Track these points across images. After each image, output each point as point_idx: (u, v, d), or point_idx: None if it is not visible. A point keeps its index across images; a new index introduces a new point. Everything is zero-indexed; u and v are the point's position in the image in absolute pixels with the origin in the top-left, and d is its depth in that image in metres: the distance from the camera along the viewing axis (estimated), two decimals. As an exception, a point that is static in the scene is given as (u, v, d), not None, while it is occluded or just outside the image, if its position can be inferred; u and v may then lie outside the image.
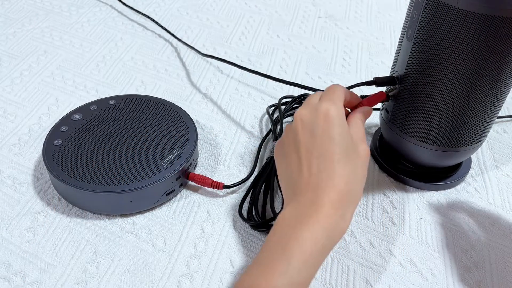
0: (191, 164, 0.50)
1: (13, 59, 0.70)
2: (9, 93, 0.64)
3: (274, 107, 0.62)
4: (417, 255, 0.46)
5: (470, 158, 0.56)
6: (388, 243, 0.47)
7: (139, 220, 0.48)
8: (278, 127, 0.57)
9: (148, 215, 0.48)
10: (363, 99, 0.45)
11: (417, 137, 0.48)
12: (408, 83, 0.46)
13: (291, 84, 0.58)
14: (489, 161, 0.57)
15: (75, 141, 0.50)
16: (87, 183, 0.45)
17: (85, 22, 0.79)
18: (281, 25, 0.81)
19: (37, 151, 0.55)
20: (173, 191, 0.49)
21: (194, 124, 0.53)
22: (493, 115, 0.46)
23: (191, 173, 0.50)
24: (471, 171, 0.55)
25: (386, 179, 0.54)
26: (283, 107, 0.61)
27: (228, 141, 0.58)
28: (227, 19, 0.82)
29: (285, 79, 0.65)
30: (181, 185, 0.50)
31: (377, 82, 0.48)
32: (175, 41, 0.75)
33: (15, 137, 0.57)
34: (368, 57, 0.74)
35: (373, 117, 0.62)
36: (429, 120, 0.46)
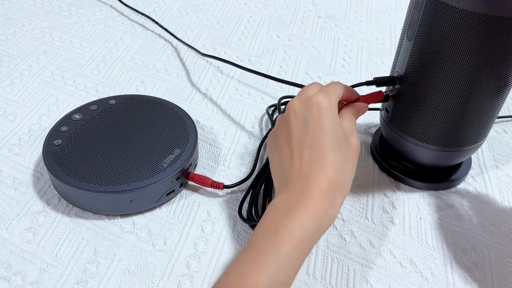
0: (191, 164, 0.50)
1: (13, 59, 0.70)
2: (9, 93, 0.64)
3: (274, 107, 0.62)
4: (417, 255, 0.46)
5: (470, 158, 0.56)
6: (388, 243, 0.47)
7: (139, 220, 0.48)
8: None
9: (148, 215, 0.48)
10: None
11: (417, 137, 0.48)
12: (408, 83, 0.46)
13: (291, 84, 0.58)
14: (489, 161, 0.57)
15: (75, 141, 0.50)
16: (87, 183, 0.45)
17: (85, 22, 0.79)
18: (281, 25, 0.81)
19: (37, 151, 0.55)
20: (173, 191, 0.49)
21: (194, 124, 0.53)
22: (493, 115, 0.46)
23: (191, 173, 0.50)
24: (471, 171, 0.55)
25: (386, 179, 0.54)
26: (283, 107, 0.61)
27: (228, 141, 0.58)
28: (227, 19, 0.82)
29: (285, 79, 0.65)
30: (181, 185, 0.50)
31: (377, 82, 0.48)
32: (175, 41, 0.75)
33: (15, 137, 0.57)
34: (368, 57, 0.74)
35: (373, 117, 0.62)
36: (429, 120, 0.46)
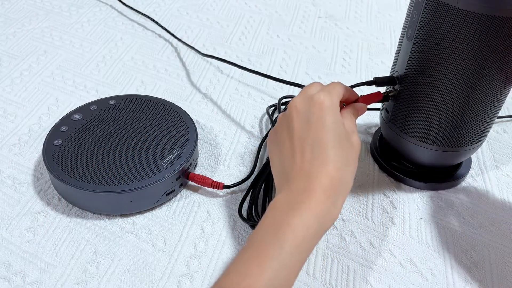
0: (191, 164, 0.50)
1: (13, 59, 0.70)
2: (9, 93, 0.64)
3: (274, 107, 0.62)
4: (417, 255, 0.46)
5: (470, 158, 0.56)
6: (388, 243, 0.47)
7: (139, 220, 0.48)
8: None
9: (148, 215, 0.48)
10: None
11: (417, 137, 0.48)
12: (408, 83, 0.46)
13: (291, 84, 0.58)
14: (489, 161, 0.57)
15: (75, 141, 0.50)
16: (87, 183, 0.45)
17: (85, 22, 0.79)
18: (281, 25, 0.81)
19: (37, 151, 0.55)
20: (173, 191, 0.49)
21: (194, 124, 0.53)
22: (493, 115, 0.46)
23: (191, 173, 0.50)
24: (471, 171, 0.55)
25: (386, 179, 0.54)
26: (283, 107, 0.61)
27: (228, 141, 0.58)
28: (227, 19, 0.82)
29: (285, 79, 0.65)
30: (181, 185, 0.50)
31: (377, 82, 0.48)
32: (175, 41, 0.75)
33: (15, 137, 0.57)
34: (368, 57, 0.74)
35: (373, 117, 0.62)
36: (429, 120, 0.46)
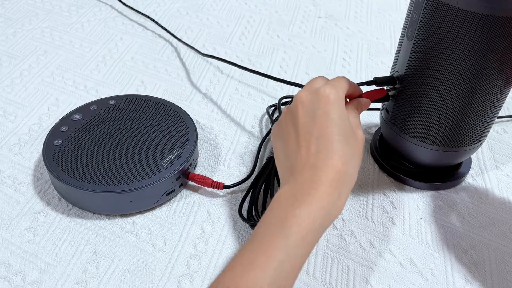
0: (191, 164, 0.50)
1: (13, 59, 0.70)
2: (9, 93, 0.64)
3: (274, 107, 0.62)
4: (417, 255, 0.46)
5: (470, 158, 0.56)
6: (388, 243, 0.47)
7: (139, 220, 0.48)
8: (278, 127, 0.57)
9: (148, 215, 0.48)
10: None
11: (417, 137, 0.48)
12: (408, 83, 0.46)
13: (291, 84, 0.58)
14: (489, 161, 0.57)
15: (75, 141, 0.50)
16: (87, 183, 0.45)
17: (85, 22, 0.79)
18: (281, 25, 0.81)
19: (37, 151, 0.55)
20: (173, 191, 0.49)
21: (194, 124, 0.53)
22: (493, 115, 0.46)
23: (191, 173, 0.50)
24: (471, 171, 0.55)
25: (386, 179, 0.54)
26: (283, 107, 0.61)
27: (228, 141, 0.58)
28: (227, 19, 0.82)
29: (285, 79, 0.65)
30: (181, 185, 0.50)
31: (377, 82, 0.48)
32: (175, 41, 0.75)
33: (15, 137, 0.57)
34: (368, 57, 0.74)
35: (373, 117, 0.62)
36: (429, 120, 0.46)
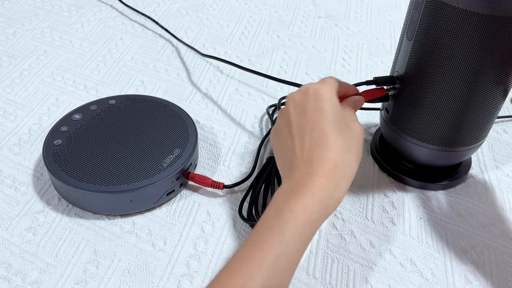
0: (191, 164, 0.50)
1: (13, 59, 0.70)
2: (9, 93, 0.64)
3: (274, 107, 0.62)
4: (417, 255, 0.46)
5: (470, 158, 0.56)
6: (388, 243, 0.47)
7: (139, 220, 0.48)
8: (278, 127, 0.57)
9: (148, 215, 0.48)
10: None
11: (417, 136, 0.48)
12: (408, 83, 0.46)
13: (291, 84, 0.58)
14: (489, 161, 0.57)
15: (75, 141, 0.50)
16: (87, 183, 0.45)
17: (85, 22, 0.79)
18: (281, 25, 0.81)
19: (37, 151, 0.55)
20: (173, 191, 0.49)
21: (194, 124, 0.53)
22: (493, 115, 0.46)
23: (191, 173, 0.50)
24: (471, 171, 0.55)
25: (386, 179, 0.54)
26: (283, 107, 0.61)
27: (228, 141, 0.58)
28: (227, 19, 0.82)
29: (285, 79, 0.65)
30: (181, 185, 0.50)
31: (377, 81, 0.48)
32: (175, 41, 0.75)
33: (15, 137, 0.57)
34: (368, 57, 0.74)
35: (373, 117, 0.62)
36: (429, 119, 0.46)
